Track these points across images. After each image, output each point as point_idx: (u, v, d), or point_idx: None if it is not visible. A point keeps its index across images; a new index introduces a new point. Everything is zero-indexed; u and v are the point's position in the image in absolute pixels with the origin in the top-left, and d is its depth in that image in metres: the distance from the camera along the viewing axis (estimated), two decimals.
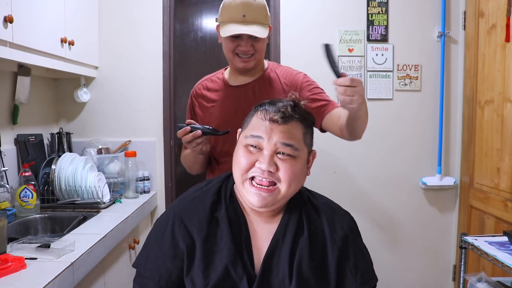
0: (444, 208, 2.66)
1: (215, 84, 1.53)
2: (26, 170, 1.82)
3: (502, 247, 1.50)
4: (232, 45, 1.39)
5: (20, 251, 1.33)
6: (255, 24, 1.34)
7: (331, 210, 1.04)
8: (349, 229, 1.00)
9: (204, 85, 1.55)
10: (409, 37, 2.57)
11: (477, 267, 2.26)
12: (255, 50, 1.39)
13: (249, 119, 1.00)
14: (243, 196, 0.97)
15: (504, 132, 2.13)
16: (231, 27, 1.35)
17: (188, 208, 1.00)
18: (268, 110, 0.95)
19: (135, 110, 2.47)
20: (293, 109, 0.96)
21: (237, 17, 1.34)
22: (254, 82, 1.47)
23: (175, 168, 2.56)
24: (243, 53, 1.39)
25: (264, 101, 1.01)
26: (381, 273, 2.91)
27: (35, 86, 2.16)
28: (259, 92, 1.45)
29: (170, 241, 0.96)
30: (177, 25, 2.59)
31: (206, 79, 1.57)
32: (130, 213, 1.92)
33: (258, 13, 1.36)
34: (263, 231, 0.98)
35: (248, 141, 0.95)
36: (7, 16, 1.42)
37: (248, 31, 1.33)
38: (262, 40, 1.39)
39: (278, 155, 0.93)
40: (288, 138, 0.93)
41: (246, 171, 0.94)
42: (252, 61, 1.41)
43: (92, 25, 2.33)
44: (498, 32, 2.17)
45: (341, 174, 2.60)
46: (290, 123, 0.95)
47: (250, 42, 1.37)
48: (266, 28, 1.37)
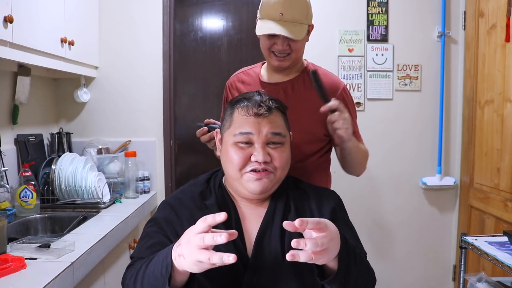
0: (444, 208, 2.66)
1: (250, 78, 1.47)
2: (26, 170, 1.82)
3: (502, 247, 1.50)
4: (269, 42, 1.33)
5: (20, 251, 1.33)
6: (293, 23, 1.27)
7: (317, 190, 1.11)
8: (336, 205, 1.06)
9: (239, 78, 1.50)
10: (409, 37, 2.57)
11: (477, 267, 2.26)
12: (291, 50, 1.32)
13: (229, 117, 1.04)
14: (242, 187, 1.01)
15: (504, 132, 2.13)
16: (267, 24, 1.29)
17: (179, 197, 1.05)
18: (249, 106, 1.00)
19: (135, 110, 2.47)
20: (271, 100, 1.02)
21: (275, 15, 1.27)
22: (288, 82, 1.40)
23: (175, 168, 2.56)
24: (279, 52, 1.32)
25: (238, 97, 1.06)
26: (381, 273, 2.90)
27: (35, 86, 2.16)
28: (291, 93, 1.38)
29: (161, 229, 0.99)
30: (177, 25, 2.59)
31: (243, 71, 1.52)
32: (130, 213, 1.92)
33: (297, 12, 1.27)
34: (253, 215, 1.03)
35: (238, 139, 0.99)
36: (7, 16, 1.42)
37: (282, 32, 1.26)
38: (300, 40, 1.31)
39: (269, 145, 1.00)
40: (275, 128, 1.00)
41: (243, 166, 0.98)
42: (288, 60, 1.34)
43: (92, 25, 2.33)
44: (498, 32, 2.17)
45: (341, 174, 2.60)
46: (272, 113, 1.01)
47: (286, 41, 1.30)
48: (304, 28, 1.29)
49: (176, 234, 0.94)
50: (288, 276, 0.94)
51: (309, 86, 1.36)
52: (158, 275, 0.82)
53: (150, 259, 0.88)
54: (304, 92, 1.37)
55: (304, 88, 1.38)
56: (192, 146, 2.63)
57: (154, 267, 0.85)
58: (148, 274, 0.86)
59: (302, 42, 1.35)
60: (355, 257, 0.88)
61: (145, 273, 0.86)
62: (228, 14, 2.62)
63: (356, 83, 2.57)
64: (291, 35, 1.26)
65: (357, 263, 0.88)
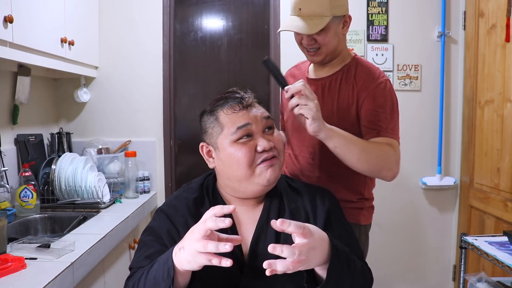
0: (444, 208, 2.66)
1: (300, 72, 1.46)
2: (26, 170, 1.82)
3: (502, 247, 1.50)
4: (298, 38, 1.32)
5: (20, 251, 1.33)
6: (310, 17, 1.23)
7: (311, 189, 1.09)
8: (331, 205, 1.04)
9: (291, 72, 1.50)
10: (409, 37, 2.57)
11: (477, 267, 2.26)
12: (319, 44, 1.27)
13: (215, 123, 1.01)
14: (253, 183, 0.98)
15: (504, 132, 2.13)
16: (287, 20, 1.28)
17: (173, 204, 1.03)
18: (233, 103, 1.00)
19: (135, 110, 2.47)
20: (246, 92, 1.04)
21: (295, 10, 1.25)
22: (327, 78, 1.35)
23: (175, 168, 2.56)
24: (307, 46, 1.30)
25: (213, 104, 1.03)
26: (381, 273, 2.90)
27: (35, 86, 2.16)
28: (328, 91, 1.33)
29: (158, 238, 0.98)
30: (177, 25, 2.59)
31: (296, 65, 1.51)
32: (130, 213, 1.92)
33: (315, 5, 1.22)
34: (248, 220, 1.02)
35: (237, 135, 0.97)
36: (7, 16, 1.42)
37: (293, 28, 1.24)
38: (325, 33, 1.25)
39: (265, 133, 1.00)
40: (263, 112, 1.02)
41: (252, 161, 0.97)
42: (319, 55, 1.30)
43: (92, 25, 2.33)
44: (498, 32, 2.17)
45: None
46: (254, 102, 1.02)
47: (311, 36, 1.26)
48: (324, 20, 1.22)
49: (174, 242, 0.93)
50: (284, 280, 0.92)
51: (346, 82, 1.31)
52: (160, 280, 0.82)
53: (151, 266, 0.88)
54: (339, 89, 1.32)
55: (340, 84, 1.32)
56: (192, 146, 2.63)
57: (155, 272, 0.84)
58: (149, 279, 0.85)
59: (330, 35, 1.27)
60: (348, 264, 0.86)
61: (147, 279, 0.86)
62: (228, 14, 2.62)
63: None
64: (301, 30, 1.23)
65: (351, 269, 0.87)
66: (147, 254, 0.95)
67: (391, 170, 1.26)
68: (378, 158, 1.22)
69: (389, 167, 1.25)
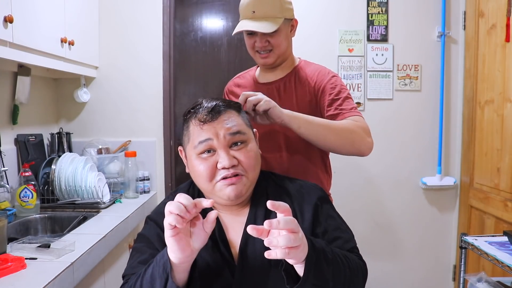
0: (444, 208, 2.66)
1: (245, 81, 1.50)
2: (26, 170, 1.82)
3: (502, 247, 1.50)
4: (250, 41, 1.37)
5: (20, 251, 1.33)
6: (264, 19, 1.30)
7: (297, 185, 1.07)
8: (318, 199, 1.03)
9: (235, 82, 1.53)
10: (409, 37, 2.57)
11: (477, 267, 2.26)
12: (272, 46, 1.34)
13: (186, 131, 1.01)
14: (217, 197, 0.97)
15: (504, 132, 2.13)
16: (240, 23, 1.33)
17: (162, 212, 1.00)
18: (199, 114, 0.97)
19: (135, 110, 2.47)
20: (220, 102, 0.99)
21: (247, 13, 1.32)
22: (280, 80, 1.42)
23: (175, 168, 2.56)
24: (260, 49, 1.36)
25: (188, 109, 1.02)
26: (381, 273, 2.91)
27: (35, 86, 2.16)
28: (284, 92, 1.40)
29: (149, 243, 0.98)
30: (177, 25, 2.59)
31: (238, 76, 1.55)
32: (130, 213, 1.92)
33: (268, 7, 1.30)
34: (235, 224, 1.01)
35: (199, 149, 0.96)
36: (7, 16, 1.42)
37: (250, 27, 1.29)
38: (278, 34, 1.33)
39: (232, 148, 0.96)
40: (232, 127, 0.96)
41: (212, 176, 0.95)
42: (272, 57, 1.36)
43: (92, 25, 2.33)
44: (498, 32, 2.17)
45: (341, 174, 2.60)
46: (224, 114, 0.97)
47: (265, 38, 1.33)
48: (277, 21, 1.30)
49: (164, 245, 0.93)
50: (276, 281, 0.91)
51: (300, 82, 1.40)
52: (156, 275, 0.82)
53: (145, 269, 0.87)
54: (296, 89, 1.39)
55: (296, 85, 1.40)
56: None
57: (152, 270, 0.84)
58: (146, 278, 0.85)
59: (282, 37, 1.35)
60: (326, 259, 0.84)
61: (144, 279, 0.86)
62: (228, 14, 2.62)
63: (356, 83, 2.57)
64: (259, 29, 1.29)
65: (331, 263, 0.85)
66: (140, 259, 0.95)
67: (364, 140, 1.27)
68: (345, 131, 1.25)
69: (360, 138, 1.26)
